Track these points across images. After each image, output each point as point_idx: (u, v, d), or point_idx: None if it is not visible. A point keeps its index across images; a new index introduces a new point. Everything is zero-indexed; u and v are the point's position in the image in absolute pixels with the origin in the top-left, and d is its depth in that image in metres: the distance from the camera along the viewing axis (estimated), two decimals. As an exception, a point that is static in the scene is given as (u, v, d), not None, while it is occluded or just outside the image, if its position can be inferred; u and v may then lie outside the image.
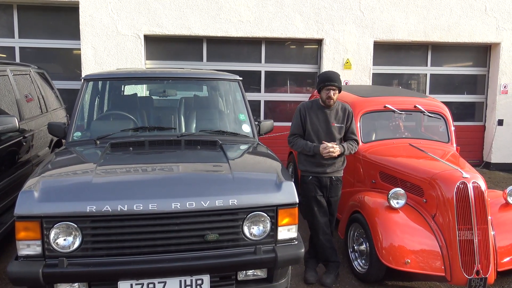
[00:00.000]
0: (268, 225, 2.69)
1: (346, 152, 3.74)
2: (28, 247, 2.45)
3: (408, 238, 3.49)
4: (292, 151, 6.07)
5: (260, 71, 8.16)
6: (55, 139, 5.82)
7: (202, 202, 2.56)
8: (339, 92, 3.71)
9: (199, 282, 2.57)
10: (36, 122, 5.29)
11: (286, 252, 2.69)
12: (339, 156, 3.73)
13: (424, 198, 3.70)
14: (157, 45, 7.86)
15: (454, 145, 4.79)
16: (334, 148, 3.60)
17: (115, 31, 7.39)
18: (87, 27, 7.31)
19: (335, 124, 3.76)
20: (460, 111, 8.80)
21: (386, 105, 4.73)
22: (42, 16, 7.72)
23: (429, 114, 4.85)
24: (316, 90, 4.20)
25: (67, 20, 7.71)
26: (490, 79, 8.74)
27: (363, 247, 3.84)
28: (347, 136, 3.85)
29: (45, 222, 2.43)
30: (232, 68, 7.73)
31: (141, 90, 6.10)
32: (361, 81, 8.08)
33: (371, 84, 8.15)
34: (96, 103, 4.22)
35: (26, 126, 4.96)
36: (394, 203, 3.63)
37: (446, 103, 5.40)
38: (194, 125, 3.93)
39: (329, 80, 3.63)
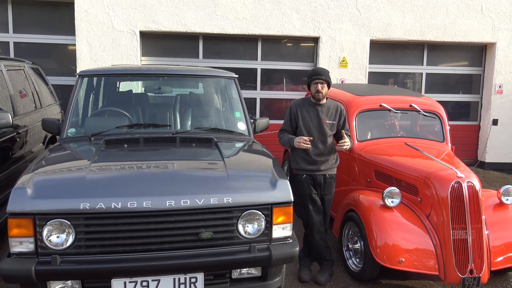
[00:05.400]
0: (263, 224, 2.69)
1: (351, 146, 3.80)
2: (20, 244, 2.43)
3: (403, 237, 3.50)
4: (288, 150, 6.07)
5: (256, 69, 8.14)
6: (49, 135, 5.78)
7: (196, 200, 2.55)
8: (329, 87, 3.73)
9: (193, 280, 2.56)
10: (30, 118, 5.26)
11: (280, 250, 2.69)
12: (330, 153, 3.77)
13: (419, 197, 3.70)
14: (153, 41, 7.82)
15: (449, 144, 4.80)
16: (306, 142, 3.57)
17: (111, 27, 7.35)
18: (82, 22, 7.27)
19: (327, 121, 3.77)
20: (455, 111, 8.82)
21: (382, 104, 4.74)
22: (37, 11, 7.67)
23: (425, 113, 4.86)
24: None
25: (62, 16, 7.66)
26: (485, 79, 8.77)
27: (357, 245, 3.85)
28: (344, 130, 3.87)
29: (38, 219, 2.41)
30: (228, 65, 7.70)
31: (136, 87, 6.07)
32: (357, 80, 8.09)
33: (367, 82, 8.16)
34: (90, 99, 4.20)
35: (20, 122, 4.92)
36: (389, 202, 3.63)
37: (441, 103, 5.41)
38: (189, 123, 3.91)
39: (316, 74, 3.68)
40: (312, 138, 3.64)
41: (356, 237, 3.89)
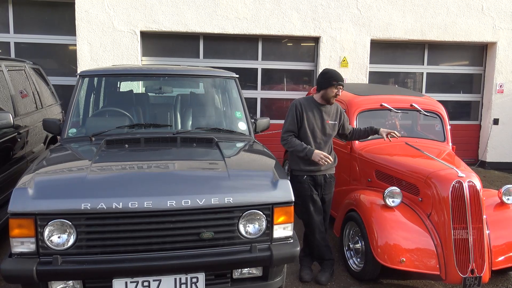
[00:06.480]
0: (264, 224, 2.69)
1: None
2: (22, 245, 2.43)
3: (403, 237, 3.49)
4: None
5: (256, 69, 8.14)
6: (50, 135, 5.79)
7: (197, 200, 2.55)
8: None
9: (194, 280, 2.57)
10: (31, 118, 5.26)
11: (281, 250, 2.69)
12: (329, 153, 3.77)
13: (420, 197, 3.70)
14: (154, 41, 7.83)
15: (450, 144, 4.80)
16: (327, 157, 3.60)
17: (111, 27, 7.36)
18: (82, 22, 7.27)
19: (330, 122, 3.79)
20: (456, 110, 8.82)
21: (383, 104, 4.73)
22: (38, 11, 7.67)
23: (425, 113, 4.86)
24: (313, 88, 4.21)
25: (62, 16, 7.66)
26: (486, 78, 8.76)
27: (358, 245, 3.85)
28: (347, 128, 3.95)
29: (39, 219, 2.42)
30: (228, 65, 7.71)
31: (137, 87, 6.08)
32: (357, 79, 8.09)
33: (367, 82, 8.16)
34: (91, 99, 4.19)
35: (21, 122, 4.93)
36: (389, 201, 3.63)
37: (442, 102, 5.41)
38: (190, 123, 3.91)
39: (338, 79, 3.67)
40: (333, 160, 3.68)
41: (357, 237, 3.89)
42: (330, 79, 3.67)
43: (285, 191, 2.74)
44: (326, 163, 3.60)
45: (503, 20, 8.33)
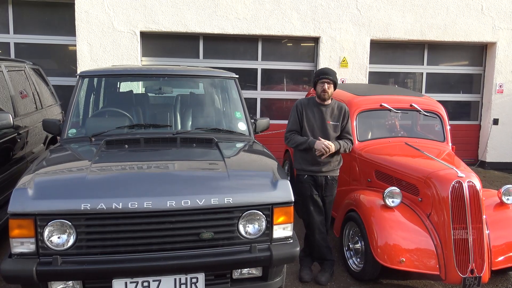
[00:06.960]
0: (264, 224, 2.69)
1: (341, 149, 3.73)
2: (21, 245, 2.43)
3: (403, 237, 3.49)
4: (288, 149, 6.08)
5: (256, 69, 8.14)
6: (50, 135, 5.79)
7: (197, 200, 2.55)
8: (335, 87, 3.73)
9: (194, 280, 2.57)
10: (31, 118, 5.26)
11: (281, 250, 2.69)
12: (333, 155, 3.71)
13: (420, 197, 3.70)
14: (153, 41, 7.83)
15: (450, 144, 4.80)
16: (330, 146, 3.58)
17: (111, 28, 7.36)
18: (82, 23, 7.27)
19: (331, 122, 3.77)
20: (456, 110, 8.82)
21: (382, 104, 4.74)
22: (38, 12, 7.67)
23: (425, 113, 4.86)
24: (312, 88, 4.22)
25: (62, 16, 7.66)
26: (486, 79, 8.77)
27: (358, 245, 3.85)
28: (342, 135, 3.85)
29: (39, 220, 2.42)
30: (228, 65, 7.71)
31: (137, 87, 6.08)
32: (357, 80, 8.09)
33: (367, 82, 8.16)
34: (91, 100, 4.20)
35: (21, 122, 4.93)
36: (389, 202, 3.63)
37: (442, 102, 5.41)
38: (190, 123, 3.92)
39: (324, 74, 3.69)
40: (333, 149, 3.62)
41: (356, 237, 3.89)
42: (315, 77, 3.78)
43: (284, 191, 2.75)
44: (327, 149, 3.55)
45: (503, 20, 8.34)
